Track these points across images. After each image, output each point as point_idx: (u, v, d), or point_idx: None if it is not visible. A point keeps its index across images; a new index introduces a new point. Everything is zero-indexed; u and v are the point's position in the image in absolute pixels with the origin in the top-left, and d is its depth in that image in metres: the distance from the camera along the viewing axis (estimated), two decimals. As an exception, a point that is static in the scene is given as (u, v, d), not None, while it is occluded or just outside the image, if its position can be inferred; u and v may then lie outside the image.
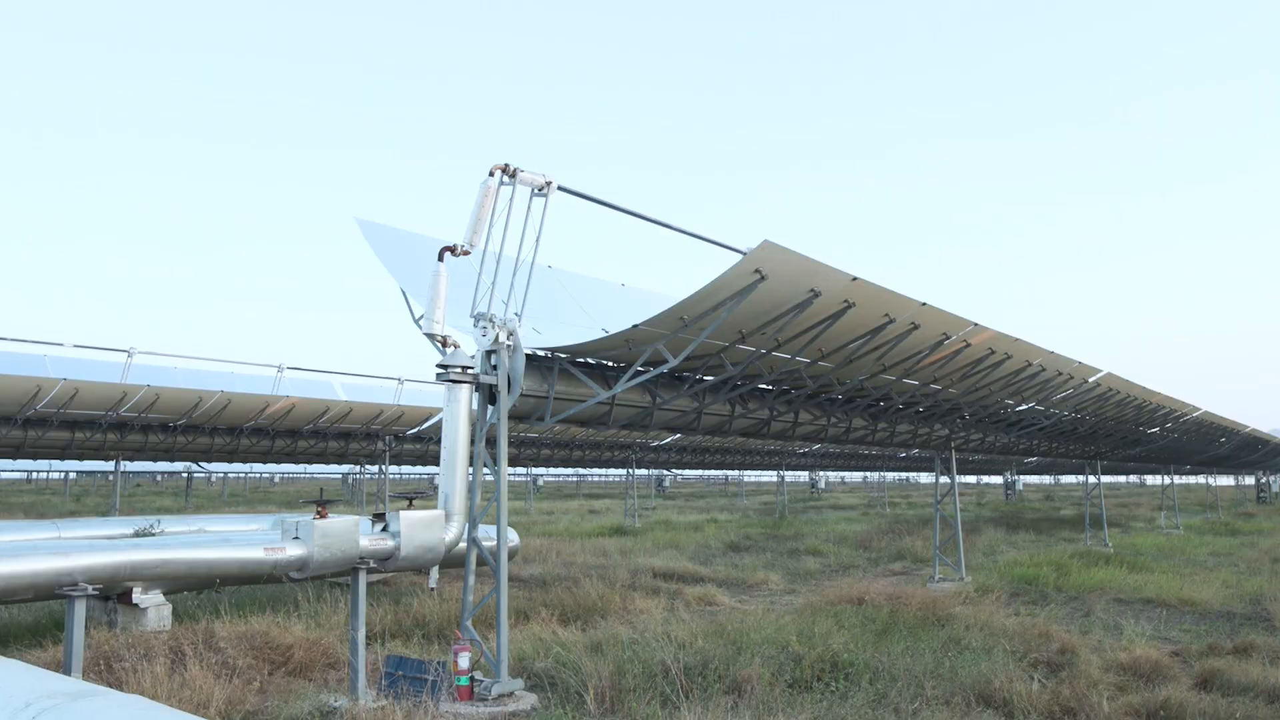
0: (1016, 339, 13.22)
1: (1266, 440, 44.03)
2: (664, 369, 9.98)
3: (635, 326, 9.40)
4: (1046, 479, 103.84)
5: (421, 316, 9.63)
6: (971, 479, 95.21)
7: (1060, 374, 15.86)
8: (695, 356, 10.73)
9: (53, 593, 8.68)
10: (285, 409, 23.21)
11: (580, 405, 10.45)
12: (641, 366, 10.31)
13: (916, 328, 11.25)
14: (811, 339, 10.50)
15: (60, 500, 49.77)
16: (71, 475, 57.93)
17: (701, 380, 11.56)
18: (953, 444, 19.18)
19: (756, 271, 8.70)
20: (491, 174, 9.12)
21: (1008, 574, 18.29)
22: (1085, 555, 21.80)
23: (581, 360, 10.71)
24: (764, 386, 13.48)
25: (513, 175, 9.15)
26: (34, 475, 73.31)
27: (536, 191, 9.37)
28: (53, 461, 34.35)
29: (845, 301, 9.98)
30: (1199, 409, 27.07)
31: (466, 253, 9.21)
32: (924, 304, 10.78)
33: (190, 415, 21.85)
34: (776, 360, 11.27)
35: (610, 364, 11.08)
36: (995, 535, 29.28)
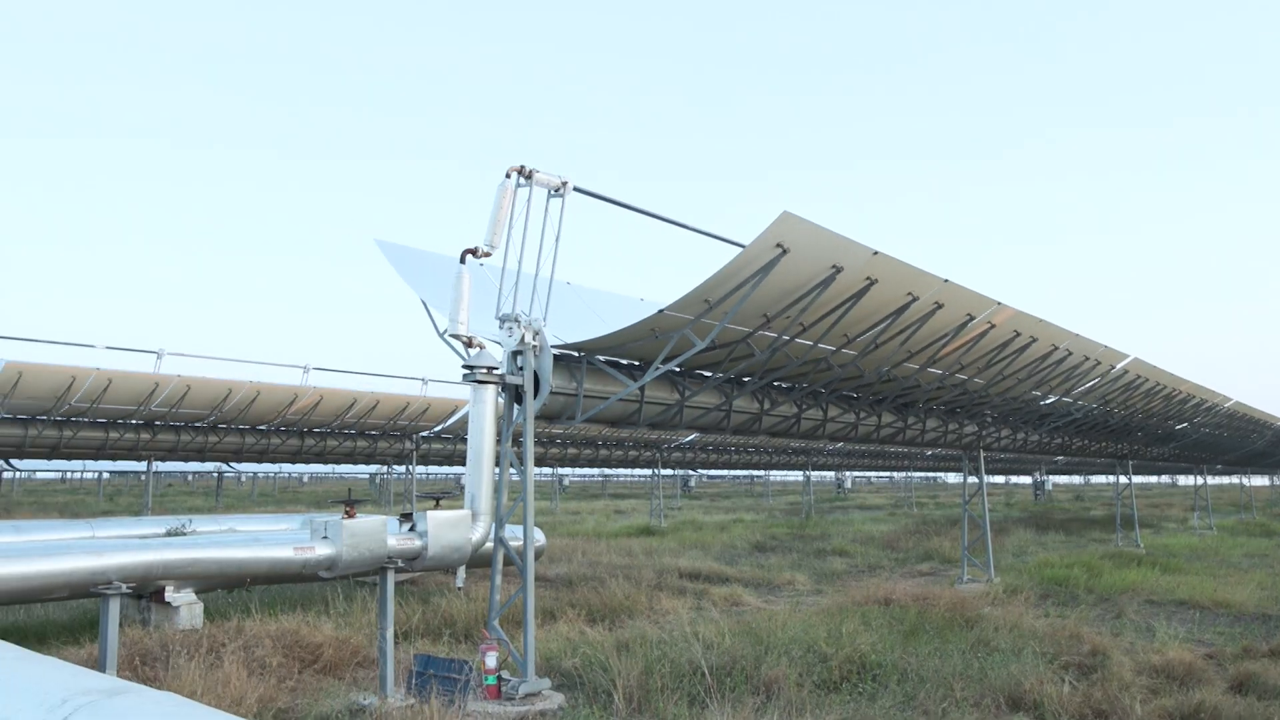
0: (1041, 320, 13.13)
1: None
2: (691, 353, 9.93)
3: (660, 311, 9.42)
4: (1076, 479, 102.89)
5: (446, 330, 9.71)
6: (1000, 479, 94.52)
7: (1087, 359, 15.69)
8: (720, 346, 10.72)
9: (88, 591, 8.81)
10: (313, 401, 23.60)
11: (608, 401, 10.44)
12: (667, 358, 10.28)
13: (940, 307, 11.20)
14: (835, 321, 10.46)
15: (94, 500, 50.51)
16: (105, 475, 58.79)
17: (731, 364, 11.46)
18: (981, 443, 19.01)
19: (778, 245, 8.70)
20: (508, 175, 9.17)
21: (1037, 575, 18.11)
22: (1116, 556, 21.55)
23: (608, 359, 10.72)
24: (787, 385, 13.44)
25: (529, 177, 9.20)
26: (68, 475, 74.48)
27: (553, 193, 9.41)
28: (86, 462, 34.91)
29: (868, 279, 9.97)
30: (1230, 399, 26.69)
31: (488, 254, 9.25)
32: (946, 280, 10.75)
33: (220, 409, 22.23)
34: (800, 348, 11.22)
35: (637, 362, 11.08)
36: (1024, 536, 29.00)
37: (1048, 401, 17.86)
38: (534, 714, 8.51)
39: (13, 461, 28.19)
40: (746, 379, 12.30)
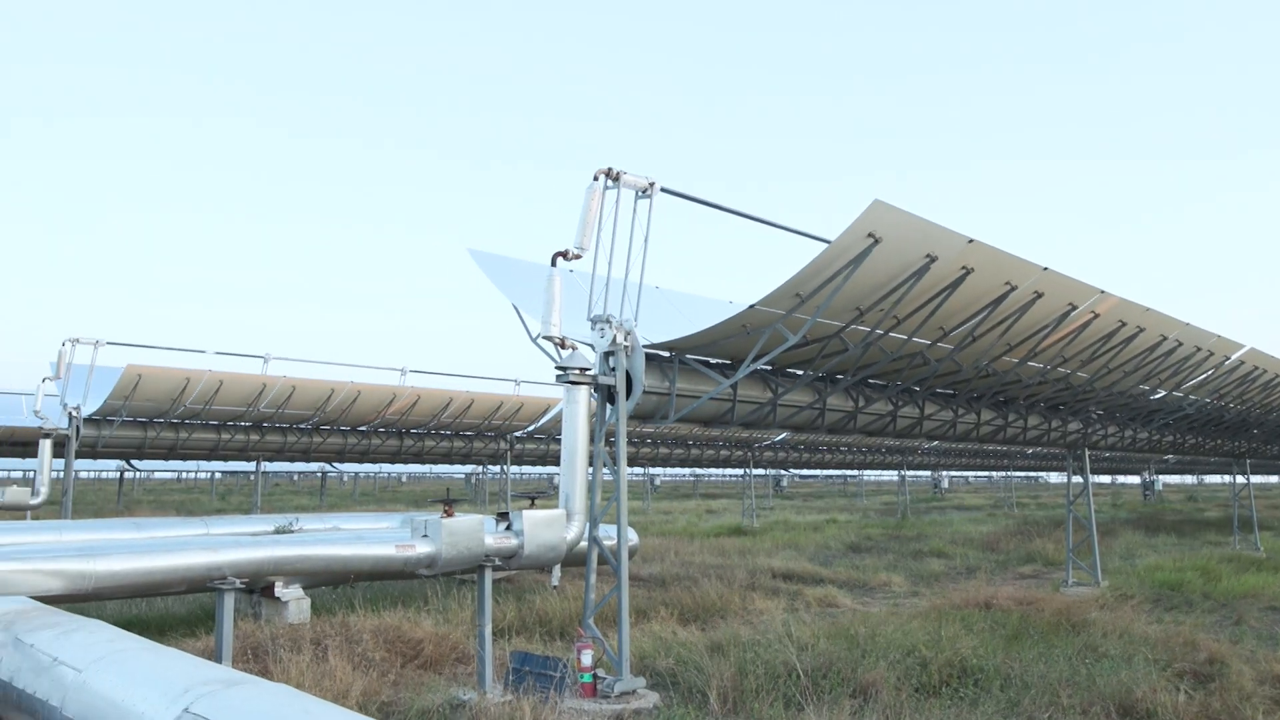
0: (1148, 309, 12.59)
1: None
2: (782, 349, 9.84)
3: (751, 307, 9.37)
4: (1188, 479, 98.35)
5: (539, 333, 9.83)
6: (1106, 479, 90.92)
7: (1198, 350, 14.97)
8: (812, 341, 10.60)
9: (204, 585, 9.23)
10: (411, 401, 24.41)
11: (701, 399, 10.42)
12: (759, 355, 10.22)
13: (1040, 297, 10.86)
14: (930, 313, 10.24)
15: (207, 499, 52.85)
16: (217, 475, 61.47)
17: (823, 360, 11.32)
18: (1086, 441, 18.36)
19: (869, 235, 8.56)
20: (596, 178, 9.24)
21: (1148, 579, 17.39)
22: (1234, 560, 20.55)
23: (699, 359, 10.72)
24: (881, 382, 13.21)
25: (616, 179, 9.25)
26: (183, 475, 78.14)
27: (640, 194, 9.43)
28: (200, 462, 36.55)
29: (963, 268, 9.72)
30: None
31: (578, 256, 9.32)
32: (1046, 269, 10.43)
33: (323, 409, 23.11)
34: (895, 343, 11.01)
35: (728, 361, 11.04)
36: (1133, 538, 27.87)
37: (1156, 396, 17.12)
38: (629, 712, 8.56)
39: (133, 462, 29.77)
40: (839, 376, 12.14)
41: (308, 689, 7.73)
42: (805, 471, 70.88)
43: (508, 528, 9.77)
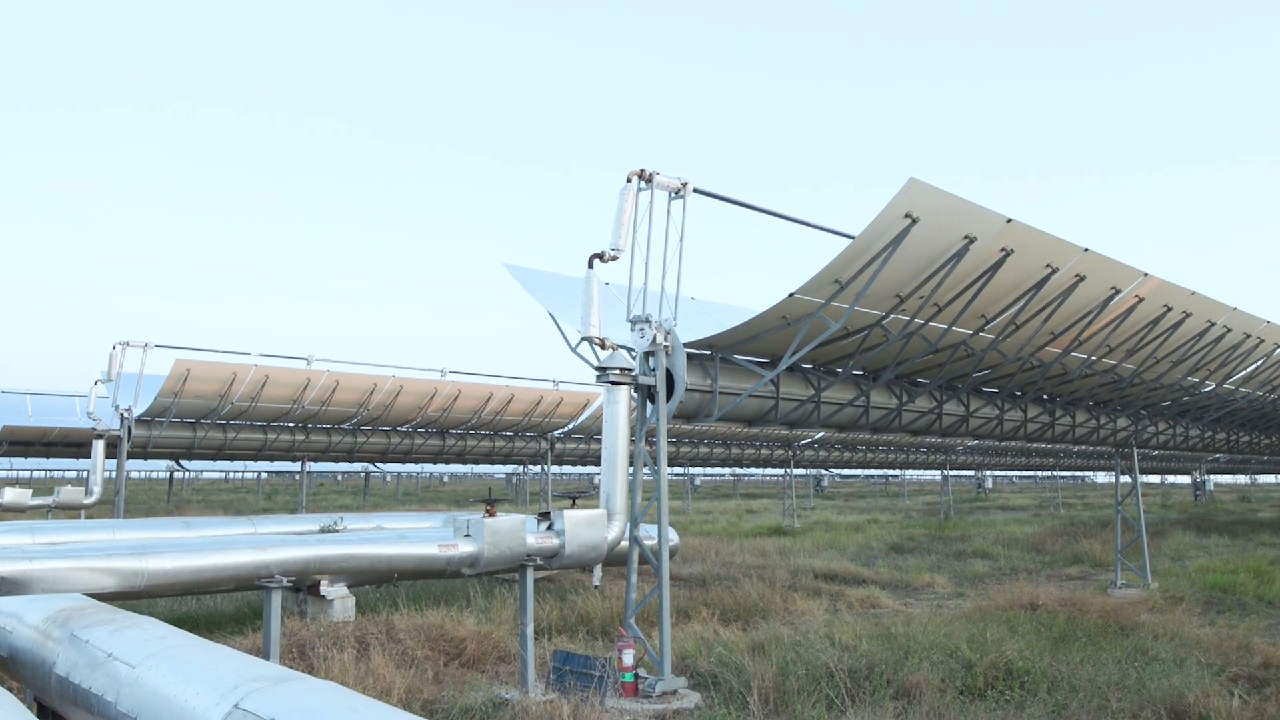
0: (1193, 293, 12.34)
1: None
2: (823, 337, 9.76)
3: (791, 295, 9.31)
4: (1241, 478, 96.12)
5: (579, 332, 9.89)
6: (1155, 478, 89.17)
7: (1247, 337, 14.61)
8: (853, 332, 10.52)
9: (252, 584, 9.36)
10: (452, 396, 24.77)
11: (742, 395, 10.35)
12: (800, 345, 10.14)
13: (1081, 280, 10.71)
14: (970, 299, 10.12)
15: (254, 499, 53.74)
16: (263, 475, 62.45)
17: (863, 354, 11.23)
18: (1135, 439, 18.03)
19: (907, 216, 8.51)
20: (629, 179, 9.29)
21: (1199, 581, 17.02)
22: (1289, 561, 20.03)
23: (740, 356, 10.69)
24: (924, 380, 13.08)
25: (649, 180, 9.29)
26: (230, 475, 79.52)
27: (674, 195, 9.48)
28: (246, 463, 37.19)
29: (1003, 250, 9.63)
30: None
31: (614, 257, 9.37)
32: (1086, 250, 10.29)
33: (366, 405, 23.45)
34: (935, 332, 10.90)
35: (768, 359, 10.99)
36: (1183, 539, 27.29)
37: (1205, 390, 16.74)
38: (670, 712, 8.56)
39: (182, 462, 30.35)
40: (881, 370, 12.02)
41: (352, 686, 7.83)
42: (846, 471, 70.38)
43: (549, 527, 9.80)
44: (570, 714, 7.69)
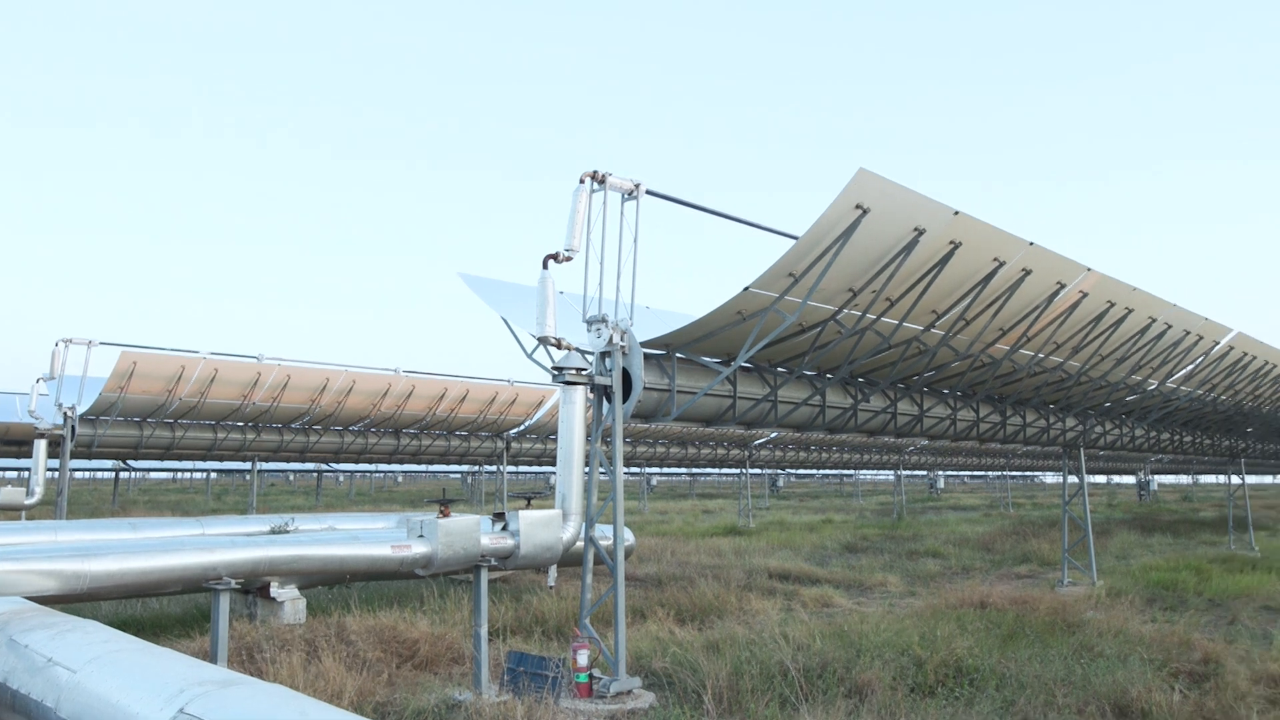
0: (1135, 289, 12.70)
1: None
2: (779, 330, 9.80)
3: (746, 289, 9.35)
4: (1183, 479, 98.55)
5: (535, 335, 9.87)
6: (1101, 479, 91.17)
7: (1187, 334, 15.03)
8: (808, 328, 10.59)
9: (199, 586, 9.21)
10: (406, 392, 24.45)
11: (698, 394, 10.38)
12: (755, 340, 10.19)
13: (1028, 273, 10.95)
14: (921, 292, 10.26)
15: (203, 499, 52.78)
16: (212, 475, 61.36)
17: (816, 352, 11.32)
18: (1083, 439, 18.40)
19: (857, 207, 8.61)
20: (582, 180, 9.30)
21: (1143, 578, 17.43)
22: (1228, 560, 20.61)
23: (696, 355, 10.72)
24: (878, 380, 13.22)
25: (602, 181, 9.33)
26: (178, 476, 77.99)
27: (627, 196, 9.53)
28: (195, 462, 36.50)
29: (951, 242, 9.80)
30: None
31: (569, 258, 9.37)
32: (1032, 243, 10.53)
33: (318, 400, 23.03)
34: (888, 328, 11.04)
35: (726, 358, 11.04)
36: (1128, 538, 27.92)
37: (1150, 389, 17.14)
38: (625, 712, 8.56)
39: (129, 462, 29.71)
40: (836, 369, 12.11)
41: (302, 689, 7.74)
42: (801, 471, 70.97)
43: (504, 528, 9.76)
44: (524, 715, 7.67)
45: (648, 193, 9.64)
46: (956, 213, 9.39)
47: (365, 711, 8.07)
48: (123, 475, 48.79)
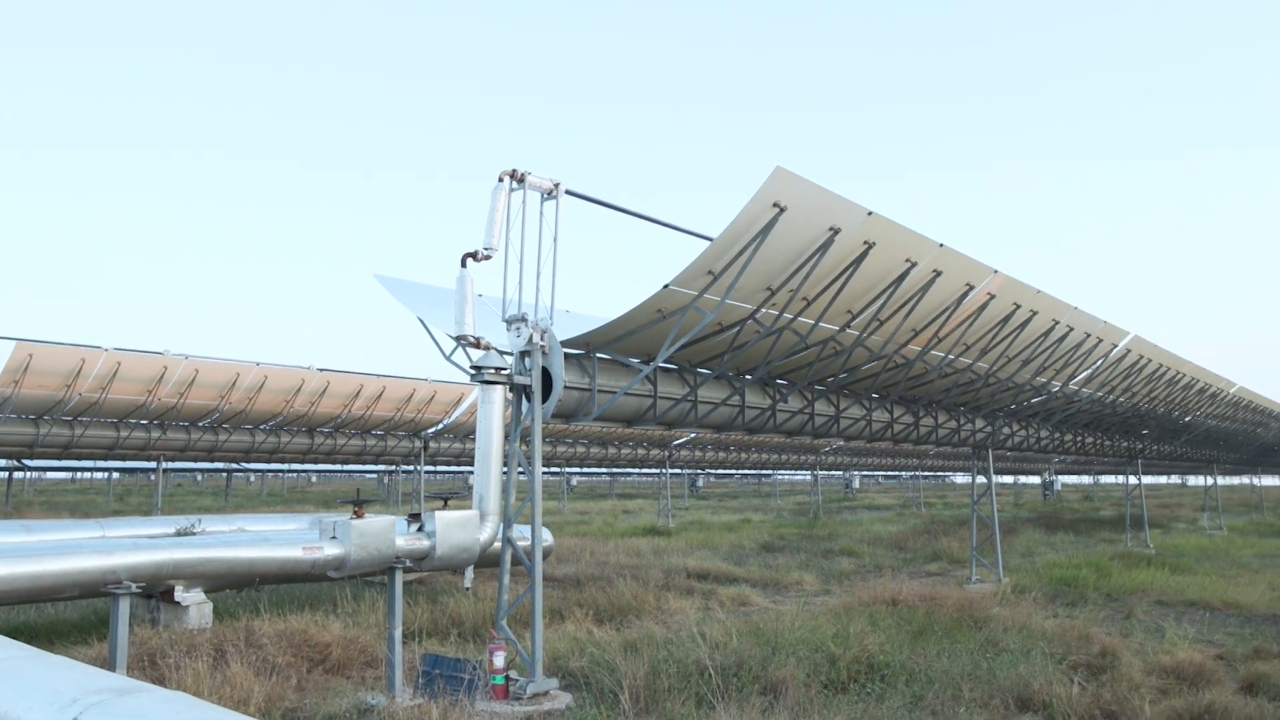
0: (1039, 291, 13.19)
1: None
2: (699, 328, 9.87)
3: (666, 287, 9.39)
4: (1085, 479, 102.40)
5: (454, 350, 9.79)
6: (1008, 479, 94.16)
7: (1088, 336, 15.67)
8: (727, 327, 10.68)
9: (98, 590, 8.85)
10: (320, 388, 23.75)
11: (618, 394, 10.36)
12: (676, 338, 10.23)
13: (939, 275, 11.25)
14: (837, 292, 10.45)
15: (104, 500, 50.73)
16: (115, 476, 59.00)
17: (734, 353, 11.43)
18: (992, 440, 18.99)
19: (775, 205, 8.73)
20: (501, 179, 9.24)
21: (1046, 575, 18.06)
22: (1126, 557, 21.46)
23: (616, 355, 10.71)
24: (794, 380, 13.41)
25: (521, 180, 9.29)
26: (78, 475, 74.79)
27: (546, 195, 9.50)
28: (96, 461, 35.02)
29: (865, 242, 10.01)
30: (1234, 385, 26.53)
31: (488, 256, 9.29)
32: (942, 245, 10.83)
33: (228, 397, 22.25)
34: (805, 326, 11.21)
35: (647, 357, 11.05)
36: (1033, 536, 28.91)
37: (1054, 390, 17.77)
38: (540, 714, 8.52)
39: (24, 461, 28.36)
40: (754, 369, 12.25)
41: (206, 696, 7.49)
42: (720, 472, 71.63)
43: (420, 529, 9.61)
44: (439, 718, 7.56)
45: (567, 193, 9.62)
46: (870, 213, 9.58)
47: (274, 717, 7.86)
48: (17, 475, 46.59)
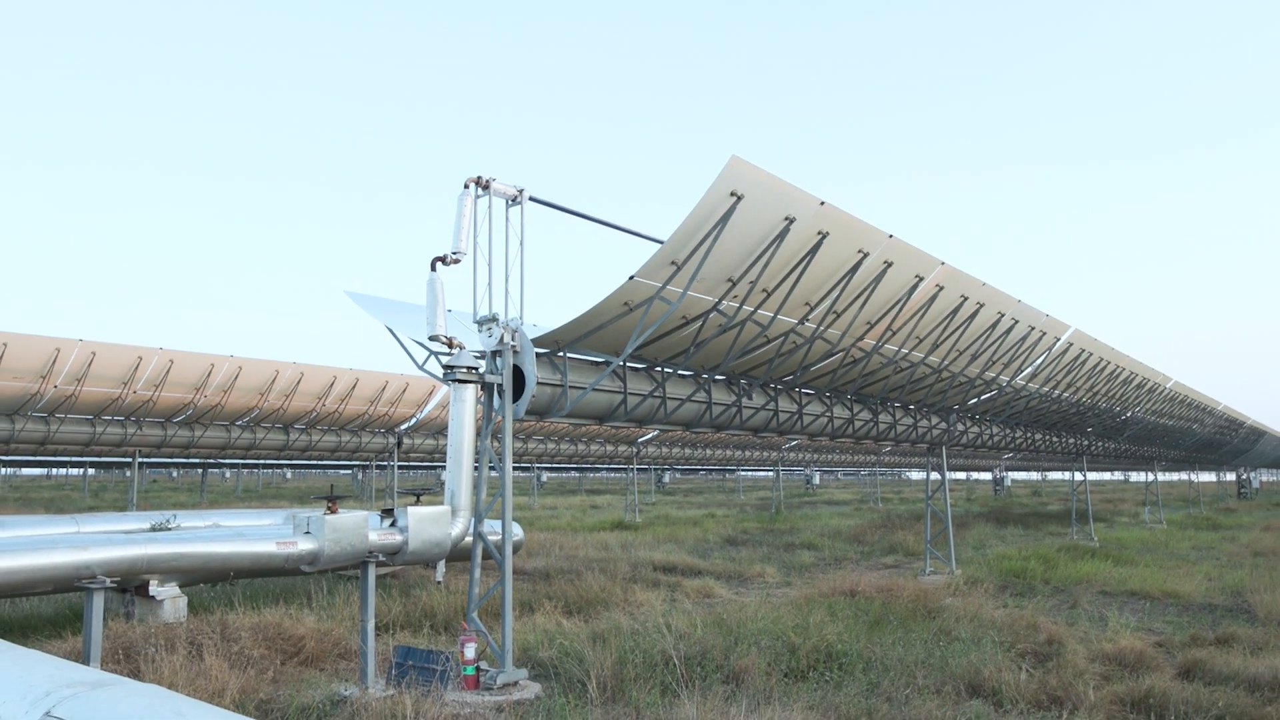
0: (984, 284, 13.43)
1: (1240, 421, 43.91)
2: (664, 318, 9.83)
3: (631, 278, 9.39)
4: (1034, 475, 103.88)
5: (426, 359, 9.75)
6: (961, 475, 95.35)
7: (1032, 329, 15.92)
8: (691, 320, 10.69)
9: (72, 585, 8.70)
10: (295, 380, 23.50)
11: (587, 390, 10.32)
12: (643, 329, 10.22)
13: (889, 265, 11.42)
14: (795, 281, 10.51)
15: (79, 496, 49.78)
16: (90, 472, 57.97)
17: (698, 348, 11.44)
18: (947, 437, 19.19)
19: (732, 194, 8.79)
20: (466, 186, 9.26)
21: (996, 567, 18.28)
22: (1071, 549, 21.78)
23: (583, 356, 10.70)
24: (758, 378, 13.46)
25: (486, 187, 9.30)
26: (53, 472, 73.40)
27: (511, 201, 9.53)
28: (72, 456, 34.36)
29: (820, 232, 10.11)
30: (1171, 379, 27.04)
31: (457, 260, 9.27)
32: (891, 236, 10.98)
33: (204, 389, 21.94)
34: (765, 319, 11.27)
35: (616, 354, 11.04)
36: (984, 530, 29.27)
37: (1004, 383, 18.00)
38: (510, 704, 8.48)
39: (-1, 458, 27.77)
40: (719, 365, 12.26)
41: (181, 689, 7.38)
42: (686, 468, 71.79)
43: (392, 524, 9.52)
44: (411, 708, 7.51)
45: (531, 199, 9.63)
46: (823, 203, 9.67)
47: (248, 709, 7.76)
48: (-8, 472, 45.61)
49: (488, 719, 8.05)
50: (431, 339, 9.41)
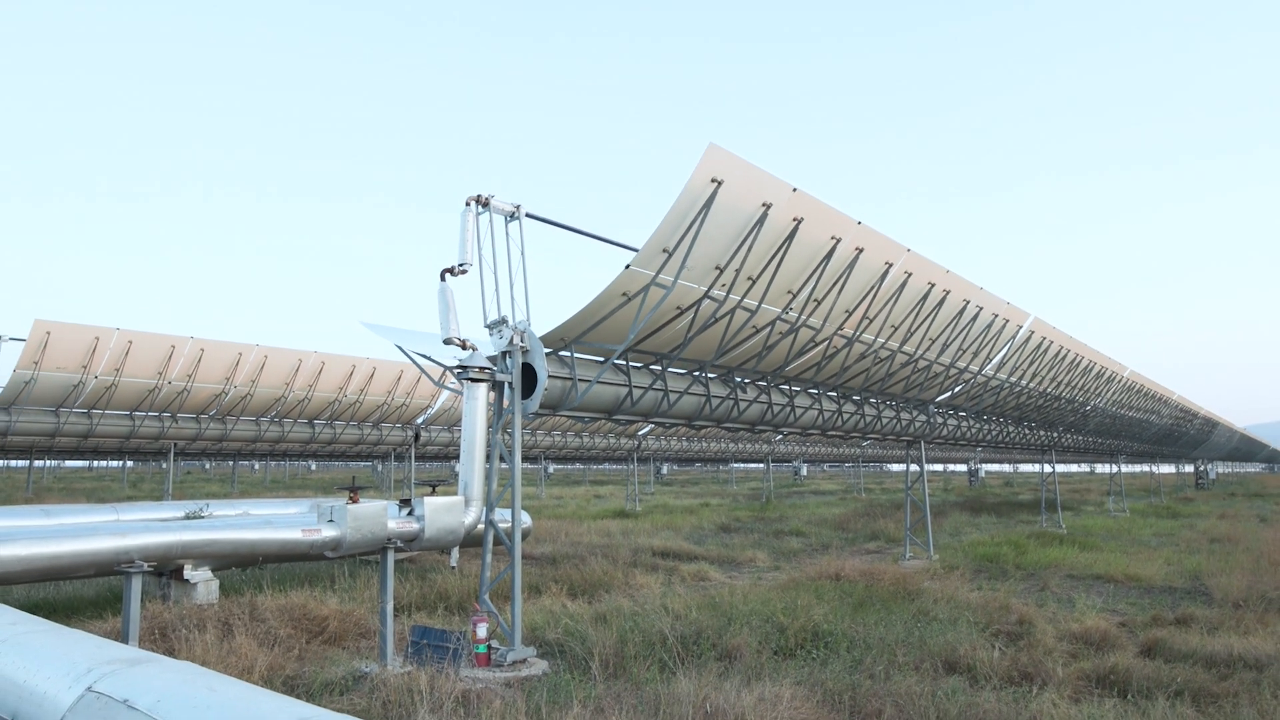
0: (948, 271, 13.50)
1: (1195, 412, 43.92)
2: (660, 302, 9.85)
3: (628, 268, 9.44)
4: (1006, 467, 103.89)
5: (442, 376, 9.72)
6: (939, 467, 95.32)
7: (995, 317, 15.95)
8: (685, 309, 10.68)
9: (112, 569, 8.71)
10: (318, 367, 23.61)
11: (592, 382, 10.30)
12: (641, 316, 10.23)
13: (861, 251, 11.46)
14: (776, 267, 10.52)
15: (119, 487, 49.79)
16: (129, 464, 57.98)
17: (689, 344, 11.41)
18: (928, 431, 19.19)
19: (713, 180, 8.84)
20: (468, 204, 9.31)
21: (971, 553, 18.28)
22: (1041, 536, 21.78)
23: (587, 356, 10.69)
24: (754, 377, 13.45)
25: (485, 204, 9.34)
26: (94, 464, 73.40)
27: (509, 217, 9.56)
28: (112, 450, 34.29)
29: (794, 218, 10.16)
30: (1127, 368, 27.06)
31: (464, 271, 9.31)
32: (860, 223, 11.03)
33: (233, 376, 22.01)
34: (752, 306, 11.26)
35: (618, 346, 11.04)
36: (960, 518, 29.24)
37: (975, 372, 17.99)
38: (519, 679, 8.49)
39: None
40: (713, 360, 12.25)
41: (213, 666, 7.39)
42: (683, 461, 71.78)
43: (410, 513, 9.55)
44: (427, 683, 7.51)
45: (527, 215, 9.66)
46: (795, 189, 9.71)
47: (275, 684, 7.76)
48: (37, 464, 45.62)
49: (498, 694, 8.06)
50: (446, 342, 9.42)
